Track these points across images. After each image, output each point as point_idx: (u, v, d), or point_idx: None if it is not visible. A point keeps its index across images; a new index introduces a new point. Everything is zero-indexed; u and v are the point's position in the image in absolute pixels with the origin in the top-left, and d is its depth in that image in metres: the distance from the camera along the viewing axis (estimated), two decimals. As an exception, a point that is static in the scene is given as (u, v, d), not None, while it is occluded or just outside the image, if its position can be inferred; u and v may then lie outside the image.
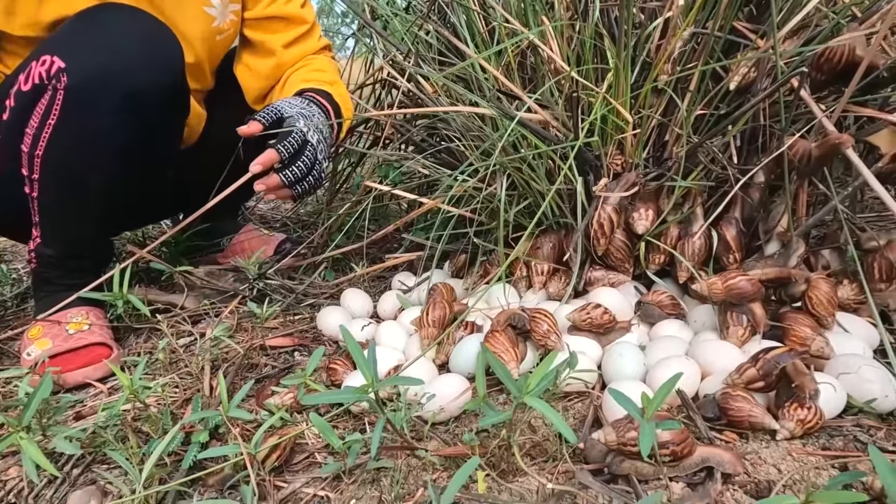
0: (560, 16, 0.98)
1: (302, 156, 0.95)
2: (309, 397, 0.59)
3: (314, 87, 1.07)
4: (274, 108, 0.97)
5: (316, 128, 0.98)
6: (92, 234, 1.00)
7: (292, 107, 0.98)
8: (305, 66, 1.17)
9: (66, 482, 0.69)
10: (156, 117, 0.93)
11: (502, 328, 0.83)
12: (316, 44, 1.20)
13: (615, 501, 0.58)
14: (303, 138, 0.95)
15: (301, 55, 1.17)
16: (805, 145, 0.83)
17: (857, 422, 0.69)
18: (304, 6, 1.17)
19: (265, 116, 0.96)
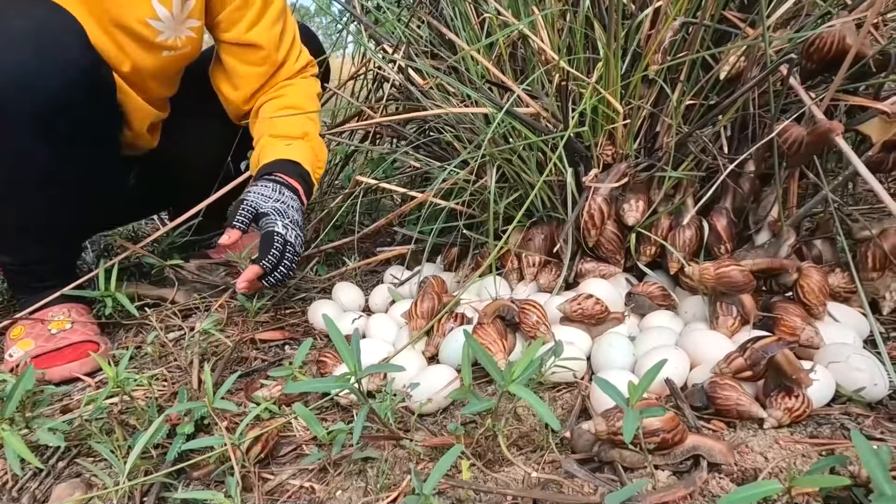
0: (551, 5, 0.98)
1: (284, 259, 0.94)
2: (291, 386, 0.59)
3: (283, 161, 1.03)
4: (249, 205, 0.95)
5: (293, 222, 0.97)
6: (45, 245, 0.95)
7: (266, 200, 0.96)
8: (278, 100, 1.11)
9: (51, 475, 0.69)
10: (64, 128, 0.85)
11: (490, 320, 0.83)
12: (293, 66, 1.14)
13: (601, 489, 0.58)
14: (283, 241, 0.93)
15: (266, 76, 1.11)
16: (798, 131, 0.83)
17: (846, 410, 0.69)
18: (280, 34, 1.10)
19: (242, 219, 0.94)
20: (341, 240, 1.24)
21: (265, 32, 1.07)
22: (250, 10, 1.05)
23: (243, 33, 1.06)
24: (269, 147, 1.05)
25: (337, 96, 1.36)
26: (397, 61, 1.13)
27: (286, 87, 1.13)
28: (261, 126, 1.10)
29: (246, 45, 1.07)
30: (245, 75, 1.10)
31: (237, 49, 1.08)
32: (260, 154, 1.06)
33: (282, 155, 1.04)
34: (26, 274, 0.97)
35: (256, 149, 1.08)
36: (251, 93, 1.12)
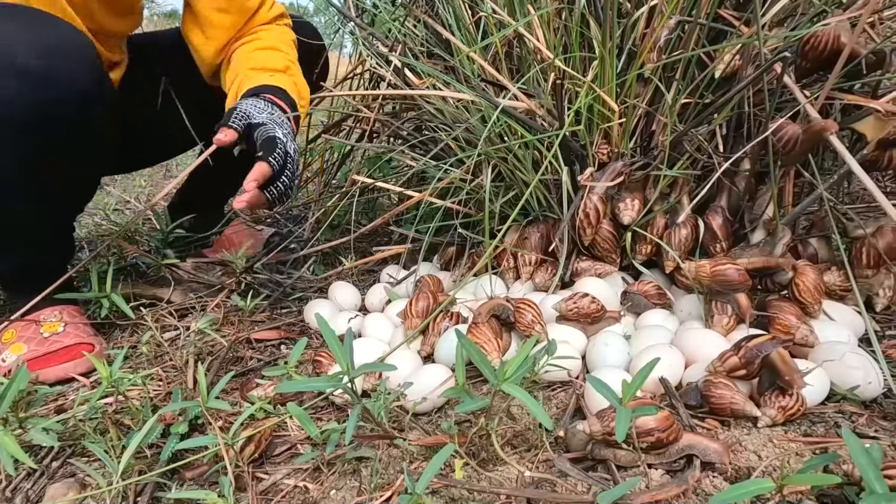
0: (547, 4, 0.98)
1: (286, 170, 0.90)
2: (283, 385, 0.59)
3: (268, 86, 0.98)
4: (242, 112, 0.90)
5: (291, 136, 0.93)
6: (36, 251, 0.94)
7: (261, 111, 0.92)
8: (253, 42, 1.07)
9: (45, 475, 0.69)
10: (64, 139, 0.84)
11: (485, 319, 0.83)
12: (266, 14, 1.09)
13: (594, 489, 0.58)
14: (284, 149, 0.89)
15: (238, 23, 1.07)
16: (794, 129, 0.83)
17: (840, 408, 0.69)
18: None
19: (237, 123, 0.89)
20: (338, 239, 1.24)
21: None
22: None
23: None
24: (251, 78, 1.00)
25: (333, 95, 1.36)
26: (393, 61, 1.13)
27: (260, 31, 1.09)
28: (237, 64, 1.04)
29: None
30: (217, 24, 1.06)
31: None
32: (240, 86, 1.00)
33: (267, 82, 0.99)
34: (19, 277, 0.96)
35: (234, 84, 1.01)
36: (223, 43, 1.07)
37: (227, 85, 1.05)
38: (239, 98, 0.96)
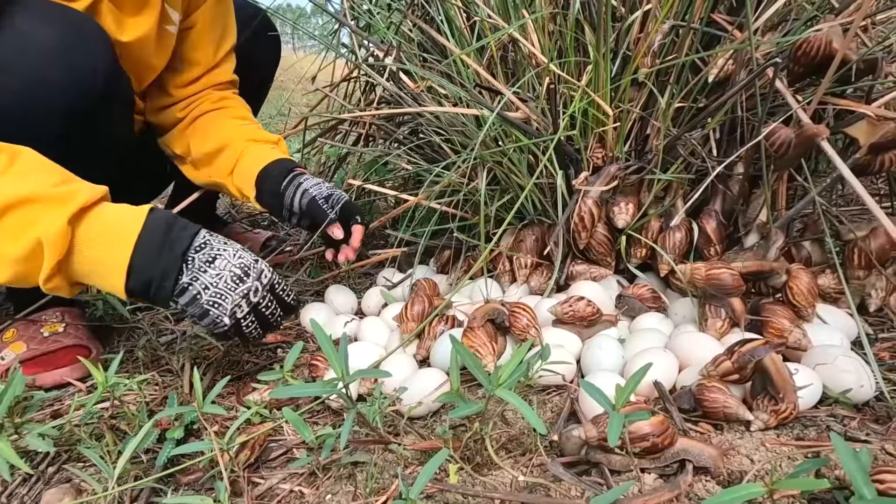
0: (541, 9, 0.98)
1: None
2: (277, 391, 0.59)
3: (288, 160, 1.07)
4: (319, 196, 1.02)
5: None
6: None
7: (321, 186, 1.03)
8: (225, 109, 1.12)
9: (41, 480, 0.69)
10: (80, 134, 0.86)
11: (481, 323, 0.83)
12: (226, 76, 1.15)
13: (587, 493, 0.58)
14: (359, 208, 1.04)
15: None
16: (786, 133, 0.83)
17: (832, 412, 0.70)
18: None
19: (332, 208, 1.01)
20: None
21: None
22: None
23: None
24: (258, 150, 1.07)
25: (329, 98, 1.37)
26: (388, 67, 1.14)
27: (227, 100, 1.14)
28: (225, 132, 1.09)
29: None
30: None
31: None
32: (250, 156, 1.06)
33: (280, 155, 1.07)
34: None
35: (235, 151, 1.07)
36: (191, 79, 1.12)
37: (210, 143, 1.09)
38: (264, 168, 1.04)
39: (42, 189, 0.69)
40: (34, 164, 0.73)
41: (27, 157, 0.73)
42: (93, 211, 0.71)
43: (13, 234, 0.68)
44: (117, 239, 0.71)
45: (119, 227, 0.72)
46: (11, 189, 0.68)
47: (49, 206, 0.69)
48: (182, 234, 0.75)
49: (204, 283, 0.74)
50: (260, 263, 0.79)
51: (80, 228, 0.70)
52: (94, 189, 0.73)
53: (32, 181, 0.70)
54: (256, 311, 0.80)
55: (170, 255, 0.73)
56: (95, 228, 0.71)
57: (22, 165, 0.71)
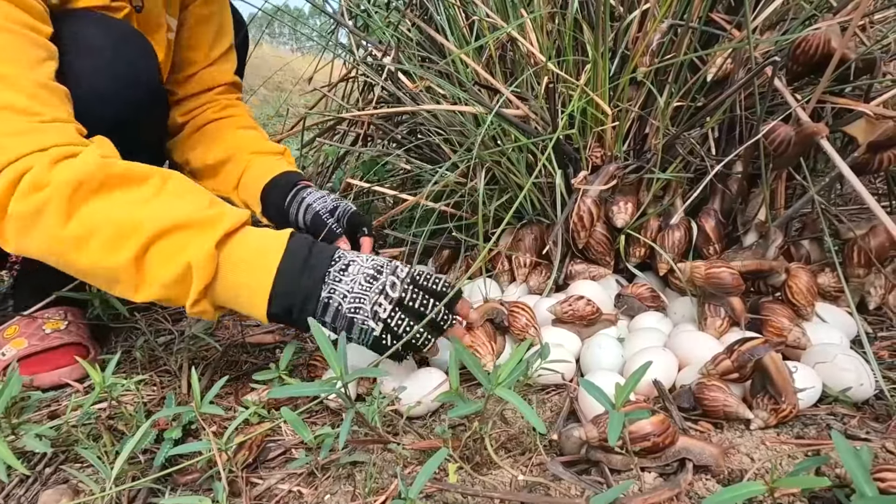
0: (539, 8, 0.98)
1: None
2: (275, 391, 0.59)
3: (295, 172, 1.08)
4: (325, 211, 1.01)
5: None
6: None
7: (326, 199, 1.03)
8: (231, 118, 1.14)
9: (38, 481, 0.68)
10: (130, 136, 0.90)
11: (479, 323, 0.83)
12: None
13: (587, 492, 0.58)
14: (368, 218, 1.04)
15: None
16: (786, 131, 0.83)
17: (832, 410, 0.69)
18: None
19: (338, 221, 1.01)
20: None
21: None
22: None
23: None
24: (263, 162, 1.08)
25: (327, 98, 1.36)
26: (386, 66, 1.14)
27: (232, 108, 1.15)
28: (229, 143, 1.11)
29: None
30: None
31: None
32: (254, 170, 1.07)
33: (286, 168, 1.08)
34: (46, 274, 0.96)
35: (239, 163, 1.09)
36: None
37: (202, 159, 1.11)
38: (269, 182, 1.05)
39: (193, 213, 0.70)
40: (184, 187, 0.74)
41: (177, 179, 0.74)
42: (236, 235, 0.72)
43: (165, 259, 0.69)
44: (260, 265, 0.71)
45: (261, 252, 0.71)
46: (166, 214, 0.70)
47: (199, 230, 0.70)
48: (321, 257, 0.73)
49: (341, 292, 0.71)
50: (395, 262, 0.76)
51: (224, 253, 0.70)
52: (238, 213, 0.73)
53: (184, 205, 0.71)
54: (403, 306, 0.73)
55: (310, 280, 0.71)
56: (239, 253, 0.71)
57: (173, 188, 0.73)
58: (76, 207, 0.68)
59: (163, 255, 0.69)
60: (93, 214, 0.69)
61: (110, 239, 0.68)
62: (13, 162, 0.68)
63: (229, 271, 0.71)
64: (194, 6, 1.09)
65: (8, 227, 0.70)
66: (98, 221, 0.68)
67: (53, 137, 0.70)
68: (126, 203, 0.69)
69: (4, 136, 0.68)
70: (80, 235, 0.69)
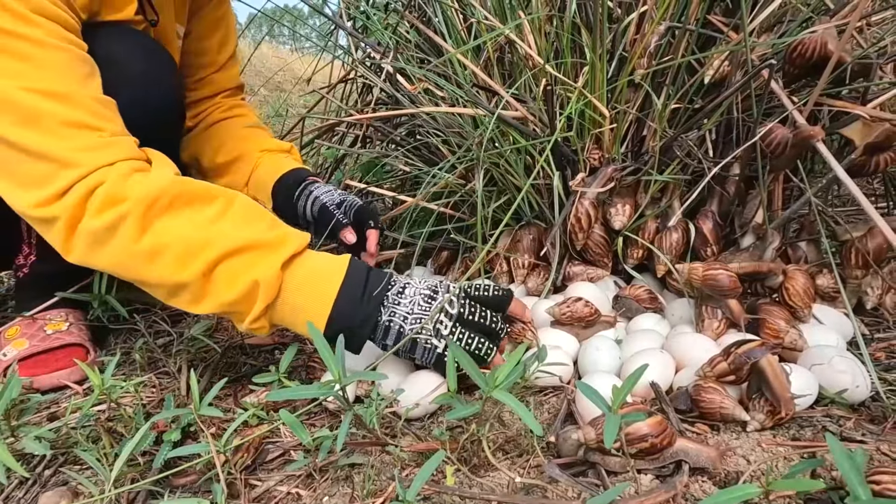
0: (537, 10, 0.98)
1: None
2: (273, 393, 0.59)
3: (305, 169, 1.10)
4: (332, 203, 1.03)
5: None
6: None
7: (334, 193, 1.05)
8: (239, 118, 1.16)
9: (37, 483, 0.69)
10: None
11: None
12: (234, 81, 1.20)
13: (584, 494, 0.58)
14: (375, 209, 1.05)
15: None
16: (783, 132, 0.83)
17: (828, 412, 0.70)
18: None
19: (345, 213, 1.02)
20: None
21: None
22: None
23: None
24: (272, 160, 1.11)
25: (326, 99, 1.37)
26: (385, 67, 1.14)
27: (238, 108, 1.18)
28: (238, 142, 1.12)
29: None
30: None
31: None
32: (264, 168, 1.10)
33: (295, 165, 1.10)
34: (51, 278, 0.96)
35: (249, 162, 1.11)
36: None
37: (212, 158, 1.13)
38: (279, 178, 1.07)
39: (260, 234, 0.72)
40: (249, 208, 0.76)
41: (242, 200, 0.76)
42: (299, 258, 0.74)
43: (233, 277, 0.71)
44: (321, 290, 0.73)
45: (323, 277, 0.73)
46: (235, 233, 0.72)
47: (266, 251, 0.72)
48: (377, 283, 0.75)
49: (402, 314, 0.74)
50: (446, 281, 0.78)
51: (288, 274, 0.73)
52: (301, 236, 0.75)
53: (252, 226, 0.73)
54: (464, 321, 0.75)
55: (368, 306, 0.73)
56: (301, 275, 0.73)
57: (239, 209, 0.75)
58: (150, 223, 0.70)
59: (230, 273, 0.71)
60: (166, 230, 0.71)
61: (181, 255, 0.70)
62: (85, 177, 0.69)
63: (290, 293, 0.73)
64: (203, 13, 1.10)
65: (77, 241, 0.71)
66: (170, 238, 0.70)
67: (118, 152, 0.72)
68: (196, 221, 0.71)
69: (73, 151, 0.70)
70: (153, 250, 0.70)
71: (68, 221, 0.70)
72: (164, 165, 0.76)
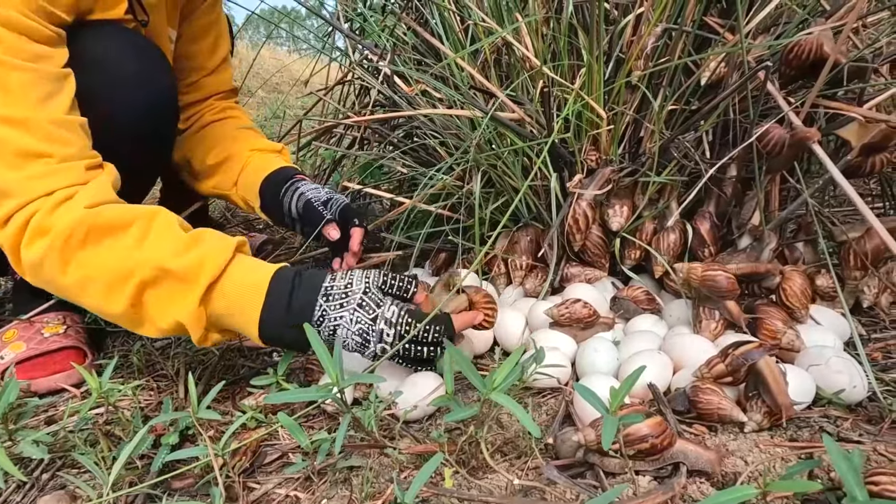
0: (534, 12, 0.99)
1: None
2: (272, 396, 0.59)
3: (292, 167, 1.08)
4: (317, 200, 1.01)
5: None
6: None
7: (320, 191, 1.03)
8: (232, 119, 1.16)
9: (35, 487, 0.69)
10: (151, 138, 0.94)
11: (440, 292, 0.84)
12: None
13: (582, 496, 0.58)
14: (359, 210, 1.05)
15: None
16: (780, 132, 0.83)
17: (825, 412, 0.70)
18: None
19: (330, 211, 1.01)
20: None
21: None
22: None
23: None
24: (261, 159, 1.10)
25: (323, 101, 1.37)
26: (382, 69, 1.14)
27: (231, 111, 1.17)
28: (229, 143, 1.12)
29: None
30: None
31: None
32: (253, 166, 1.09)
33: (283, 164, 1.09)
34: None
35: (238, 162, 1.10)
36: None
37: (202, 159, 1.12)
38: (267, 177, 1.05)
39: (177, 264, 0.72)
40: (167, 230, 0.75)
41: (159, 223, 0.75)
42: (219, 285, 0.73)
43: (158, 310, 0.73)
44: (246, 316, 0.73)
45: (244, 303, 0.73)
46: (151, 263, 0.71)
47: (182, 286, 0.72)
48: (304, 303, 0.74)
49: (333, 318, 0.74)
50: (379, 323, 0.74)
51: (209, 306, 0.73)
52: (222, 250, 0.74)
53: (169, 253, 0.72)
54: (404, 357, 0.77)
55: (297, 318, 0.73)
56: (222, 305, 0.73)
57: (157, 233, 0.74)
58: (72, 255, 0.72)
59: (156, 303, 0.73)
60: (87, 262, 0.72)
61: (106, 287, 0.72)
62: (23, 207, 0.71)
63: (220, 318, 0.74)
64: (194, 17, 1.10)
65: (24, 268, 0.74)
66: (92, 270, 0.72)
67: (60, 180, 0.73)
68: (115, 250, 0.72)
69: (19, 181, 0.71)
70: (79, 283, 0.73)
71: (11, 249, 0.73)
72: (98, 188, 0.74)
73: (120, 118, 0.82)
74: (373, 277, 0.77)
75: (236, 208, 1.84)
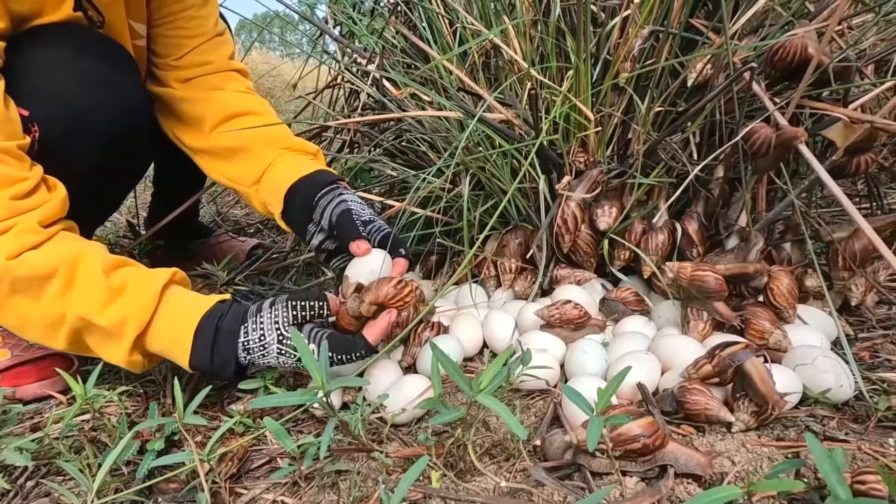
0: (522, 15, 0.99)
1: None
2: (258, 401, 0.59)
3: (329, 172, 0.97)
4: (357, 216, 0.89)
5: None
6: None
7: (364, 207, 0.92)
8: (257, 115, 1.02)
9: (19, 495, 0.68)
10: (124, 154, 0.92)
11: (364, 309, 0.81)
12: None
13: (569, 497, 0.58)
14: (401, 239, 0.92)
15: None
16: (767, 131, 0.83)
17: (812, 412, 0.70)
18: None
19: (370, 234, 0.89)
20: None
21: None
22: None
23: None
24: (294, 160, 0.98)
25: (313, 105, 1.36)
26: (371, 73, 1.14)
27: (250, 92, 1.07)
28: (255, 130, 0.98)
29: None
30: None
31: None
32: (283, 166, 0.97)
33: (320, 167, 0.97)
34: None
35: (263, 158, 0.98)
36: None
37: (248, 148, 1.00)
38: (300, 179, 0.93)
39: (101, 319, 0.73)
40: (90, 279, 0.75)
41: (83, 269, 0.75)
42: (147, 337, 0.76)
43: (98, 350, 0.77)
44: (178, 359, 0.77)
45: (172, 352, 0.77)
46: (79, 311, 0.73)
47: (110, 338, 0.75)
48: (225, 360, 0.77)
49: (258, 348, 0.78)
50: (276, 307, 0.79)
51: (145, 348, 0.77)
52: (141, 313, 0.75)
53: (92, 304, 0.74)
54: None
55: (221, 356, 0.77)
56: (156, 348, 0.77)
57: (81, 281, 0.74)
58: (3, 301, 0.74)
59: (94, 346, 0.77)
60: (17, 309, 0.74)
61: (43, 329, 0.75)
62: None
63: (159, 354, 0.78)
64: None
65: None
66: (26, 314, 0.75)
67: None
68: (41, 299, 0.74)
69: None
70: (18, 325, 0.76)
71: None
72: (19, 241, 0.73)
73: (83, 123, 0.79)
74: (281, 319, 0.78)
75: (226, 210, 1.84)
